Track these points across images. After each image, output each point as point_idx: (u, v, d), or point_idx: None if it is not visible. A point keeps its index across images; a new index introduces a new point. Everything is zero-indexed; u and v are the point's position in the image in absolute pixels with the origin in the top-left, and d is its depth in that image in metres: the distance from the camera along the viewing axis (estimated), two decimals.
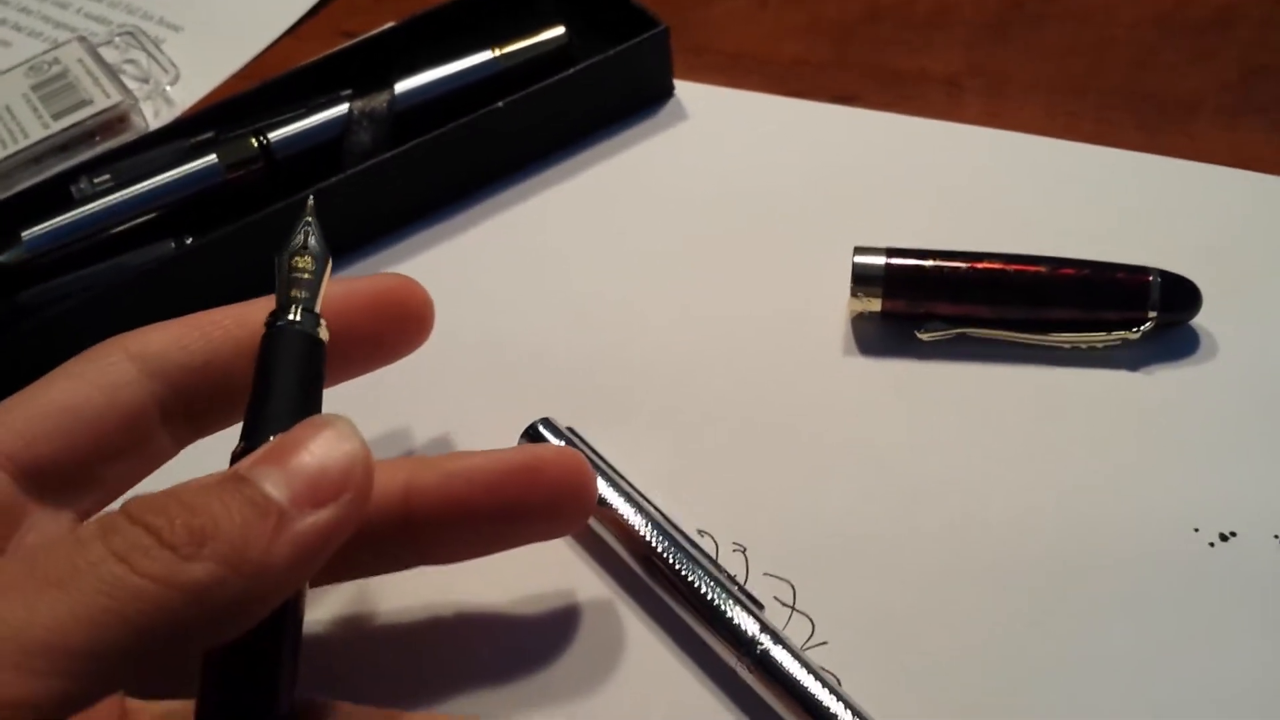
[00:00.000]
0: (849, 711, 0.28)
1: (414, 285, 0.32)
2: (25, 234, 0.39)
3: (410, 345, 0.33)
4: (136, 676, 0.22)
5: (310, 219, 0.28)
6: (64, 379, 0.28)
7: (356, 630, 0.32)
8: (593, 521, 0.33)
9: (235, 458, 0.25)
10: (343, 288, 0.31)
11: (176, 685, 0.23)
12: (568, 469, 0.29)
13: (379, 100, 0.43)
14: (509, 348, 0.39)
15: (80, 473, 0.27)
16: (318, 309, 0.27)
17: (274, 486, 0.22)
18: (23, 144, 0.45)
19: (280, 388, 0.26)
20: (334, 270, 0.28)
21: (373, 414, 0.35)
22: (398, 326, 0.32)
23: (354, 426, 0.24)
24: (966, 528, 0.33)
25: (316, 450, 0.23)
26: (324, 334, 0.27)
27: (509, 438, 0.34)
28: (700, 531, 0.33)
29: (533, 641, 0.32)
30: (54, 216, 0.40)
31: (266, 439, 0.24)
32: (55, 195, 0.41)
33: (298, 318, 0.27)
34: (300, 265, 0.27)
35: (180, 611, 0.21)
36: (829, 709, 0.28)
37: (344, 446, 0.24)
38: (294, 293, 0.27)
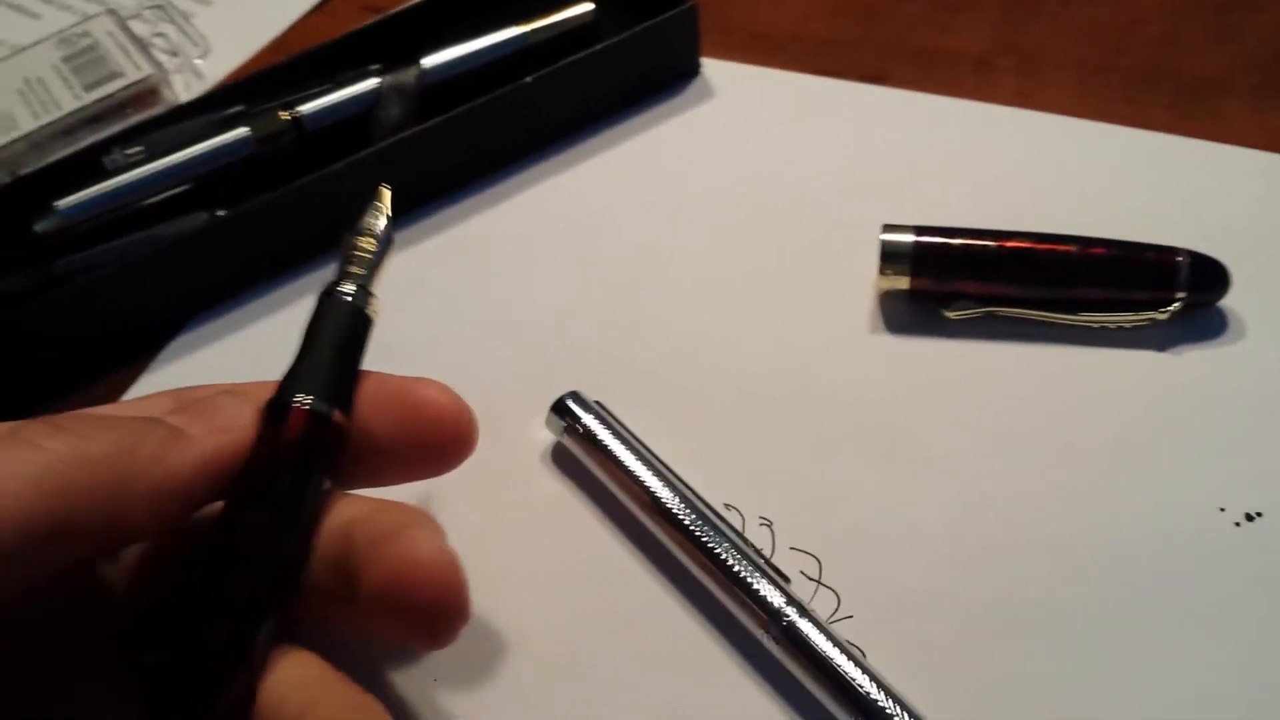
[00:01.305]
0: (874, 684, 0.28)
1: (456, 401, 0.29)
2: (60, 203, 0.40)
3: (443, 467, 0.29)
4: None
5: (381, 204, 0.30)
6: None
7: None
8: (620, 494, 0.33)
9: (269, 408, 0.26)
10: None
11: None
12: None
13: (407, 75, 0.43)
14: (537, 322, 0.39)
15: None
16: (373, 288, 0.29)
17: None
18: (55, 115, 0.46)
19: (318, 353, 0.28)
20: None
21: None
22: (431, 445, 0.29)
23: None
24: (991, 505, 0.33)
25: None
26: (374, 311, 0.29)
27: (537, 411, 0.35)
28: (727, 505, 0.33)
29: (557, 611, 0.32)
30: (86, 187, 0.40)
31: (293, 396, 0.26)
32: (87, 166, 0.41)
33: (349, 290, 0.28)
34: (363, 245, 0.29)
35: None
36: (854, 680, 0.28)
37: None
38: (351, 269, 0.29)
